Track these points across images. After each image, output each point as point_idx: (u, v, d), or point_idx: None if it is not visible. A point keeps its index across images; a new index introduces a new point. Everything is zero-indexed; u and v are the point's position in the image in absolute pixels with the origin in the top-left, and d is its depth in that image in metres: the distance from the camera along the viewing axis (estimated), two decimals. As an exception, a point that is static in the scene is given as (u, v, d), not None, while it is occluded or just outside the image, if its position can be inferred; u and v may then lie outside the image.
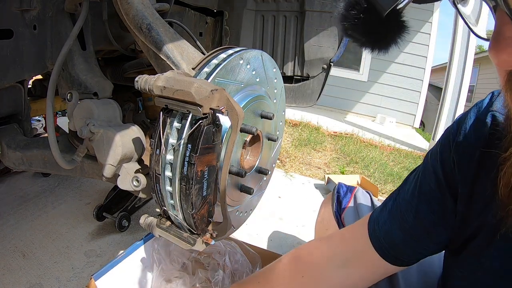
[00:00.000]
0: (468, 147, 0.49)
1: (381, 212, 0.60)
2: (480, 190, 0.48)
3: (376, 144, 4.00)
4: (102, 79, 0.84)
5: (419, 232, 0.55)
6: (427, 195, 0.54)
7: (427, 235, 0.55)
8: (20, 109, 0.96)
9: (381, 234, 0.58)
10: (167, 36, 0.67)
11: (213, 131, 0.52)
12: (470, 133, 0.49)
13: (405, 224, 0.56)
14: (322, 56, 1.53)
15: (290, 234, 1.72)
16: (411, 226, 0.55)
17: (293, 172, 2.69)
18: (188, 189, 0.52)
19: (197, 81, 0.50)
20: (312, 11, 1.49)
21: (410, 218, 0.55)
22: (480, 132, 0.48)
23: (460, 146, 0.50)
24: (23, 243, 1.39)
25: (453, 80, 4.08)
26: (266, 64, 0.72)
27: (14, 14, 0.72)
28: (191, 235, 0.59)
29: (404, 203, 0.57)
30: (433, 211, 0.53)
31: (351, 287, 0.64)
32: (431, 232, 0.55)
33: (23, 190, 1.78)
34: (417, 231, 0.55)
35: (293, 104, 1.61)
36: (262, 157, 0.77)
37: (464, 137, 0.50)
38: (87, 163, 0.83)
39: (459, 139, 0.50)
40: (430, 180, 0.54)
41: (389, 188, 2.64)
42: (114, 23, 0.96)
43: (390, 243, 0.57)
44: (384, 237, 0.58)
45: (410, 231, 0.56)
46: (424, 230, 0.55)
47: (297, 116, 4.43)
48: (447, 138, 0.53)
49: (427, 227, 0.54)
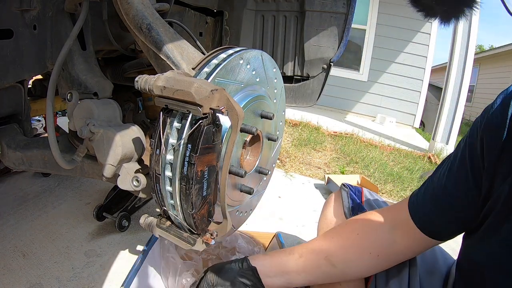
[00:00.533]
0: (494, 127, 0.53)
1: (420, 189, 0.68)
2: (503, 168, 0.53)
3: (376, 144, 4.00)
4: (102, 79, 0.83)
5: (447, 207, 0.61)
6: (455, 174, 0.61)
7: (454, 210, 0.61)
8: (20, 109, 0.96)
9: (418, 207, 0.66)
10: (167, 36, 0.67)
11: (213, 131, 0.52)
12: (496, 115, 0.53)
13: (436, 200, 0.63)
14: (322, 56, 1.53)
15: (290, 234, 1.72)
16: (440, 201, 0.62)
17: (293, 172, 2.69)
18: (188, 189, 0.52)
19: (197, 81, 0.50)
20: (312, 11, 1.49)
21: (439, 194, 0.62)
22: (505, 114, 0.52)
23: (487, 127, 0.55)
24: (23, 243, 1.39)
25: (453, 80, 4.08)
26: (266, 64, 0.71)
27: (14, 14, 0.71)
28: (191, 235, 0.59)
29: (436, 181, 0.64)
30: (458, 188, 0.60)
31: (399, 253, 0.70)
32: (457, 207, 0.60)
33: (23, 190, 1.78)
34: (445, 206, 0.62)
35: (293, 104, 1.61)
36: (262, 157, 0.77)
37: (491, 118, 0.54)
38: (87, 163, 0.83)
39: (485, 121, 0.55)
40: (458, 162, 0.60)
41: (389, 188, 2.64)
42: (114, 23, 0.96)
43: (424, 216, 0.64)
44: (420, 210, 0.65)
45: (440, 206, 0.62)
46: (450, 205, 0.61)
47: (297, 116, 4.43)
48: (475, 124, 0.58)
49: (453, 203, 0.61)
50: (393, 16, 5.55)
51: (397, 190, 2.63)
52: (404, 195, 2.56)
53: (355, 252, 0.71)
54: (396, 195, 2.56)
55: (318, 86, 1.58)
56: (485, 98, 10.17)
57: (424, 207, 0.65)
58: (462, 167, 0.59)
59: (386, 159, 3.46)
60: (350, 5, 1.44)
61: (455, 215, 0.61)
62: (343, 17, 1.47)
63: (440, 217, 0.63)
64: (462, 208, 0.60)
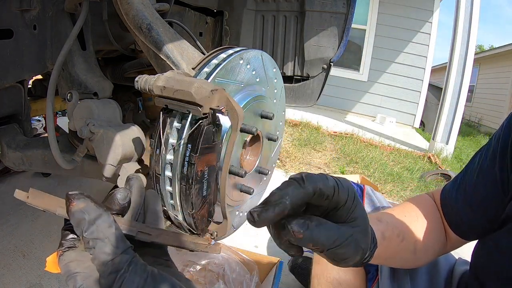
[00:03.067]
0: None
1: (453, 185, 0.67)
2: None
3: (376, 144, 3.99)
4: (102, 79, 0.83)
5: (475, 204, 0.60)
6: (484, 172, 0.60)
7: (481, 208, 0.60)
8: (20, 109, 0.96)
9: (449, 202, 0.65)
10: (167, 36, 0.67)
11: (213, 131, 0.52)
12: None
13: (466, 196, 0.62)
14: (322, 56, 1.53)
15: (290, 234, 1.72)
16: (470, 198, 0.61)
17: (293, 172, 2.69)
18: (188, 189, 0.52)
19: (197, 81, 0.50)
20: (312, 11, 1.49)
21: (470, 191, 0.62)
22: None
23: None
24: (23, 243, 1.39)
25: (453, 80, 4.08)
26: (266, 64, 0.71)
27: (14, 14, 0.71)
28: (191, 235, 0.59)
29: (468, 178, 0.63)
30: (486, 186, 0.59)
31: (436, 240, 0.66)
32: (485, 205, 0.59)
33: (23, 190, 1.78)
34: (474, 203, 0.61)
35: (293, 104, 1.61)
36: (262, 157, 0.77)
37: None
38: (87, 163, 0.83)
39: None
40: (489, 160, 0.59)
41: (389, 188, 2.64)
42: (114, 23, 0.96)
43: (455, 212, 0.64)
44: (451, 206, 0.65)
45: (469, 202, 0.61)
46: (479, 203, 0.60)
47: (297, 116, 4.43)
48: (509, 120, 0.57)
49: (481, 200, 0.60)
50: (393, 16, 5.55)
51: (397, 190, 2.63)
52: (404, 195, 2.56)
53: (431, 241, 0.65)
54: (396, 195, 2.56)
55: (318, 86, 1.58)
56: (485, 98, 10.17)
57: (454, 204, 0.64)
58: (492, 167, 0.58)
59: (386, 159, 3.46)
60: (350, 5, 1.44)
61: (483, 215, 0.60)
62: (343, 17, 1.47)
63: (470, 216, 0.62)
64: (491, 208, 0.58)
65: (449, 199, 0.65)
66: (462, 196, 0.63)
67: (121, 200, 0.36)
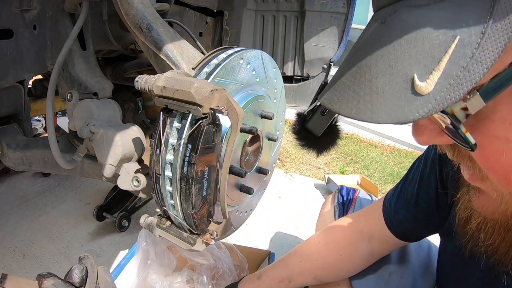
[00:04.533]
0: None
1: (393, 195, 0.71)
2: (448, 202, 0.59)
3: (376, 144, 3.99)
4: (102, 79, 0.83)
5: (420, 214, 0.65)
6: (425, 181, 0.63)
7: (427, 216, 0.64)
8: (20, 109, 0.96)
9: (393, 216, 0.69)
10: (167, 36, 0.67)
11: (213, 131, 0.52)
12: None
13: (409, 206, 0.66)
14: (322, 56, 1.53)
15: (290, 234, 1.72)
16: (413, 207, 0.65)
17: (293, 172, 2.69)
18: (188, 189, 0.52)
19: (197, 81, 0.50)
20: (312, 11, 1.49)
21: (412, 201, 0.65)
22: None
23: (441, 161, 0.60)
24: (23, 243, 1.39)
25: (453, 80, 4.07)
26: (266, 64, 0.71)
27: (14, 14, 0.72)
28: (191, 235, 0.59)
29: (409, 188, 0.67)
30: (429, 197, 0.63)
31: (375, 258, 0.74)
32: (429, 214, 0.64)
33: (23, 190, 1.78)
34: (417, 213, 0.65)
35: (293, 104, 1.61)
36: (262, 157, 0.77)
37: None
38: (87, 163, 0.83)
39: None
40: (429, 168, 0.63)
41: (389, 188, 2.64)
42: (114, 23, 0.96)
43: (399, 224, 0.68)
44: (395, 218, 0.68)
45: (413, 212, 0.65)
46: (423, 213, 0.64)
47: (297, 116, 4.43)
48: None
49: (425, 210, 0.64)
50: (393, 16, 5.55)
51: (397, 190, 2.63)
52: (404, 195, 2.56)
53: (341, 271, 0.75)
54: (396, 195, 2.56)
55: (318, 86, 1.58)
56: (485, 98, 10.18)
57: (398, 215, 0.68)
58: (432, 174, 0.62)
59: (386, 159, 3.46)
60: (350, 5, 1.44)
61: (428, 221, 0.65)
62: (343, 17, 1.47)
63: (414, 223, 0.66)
64: (434, 213, 0.63)
65: (392, 213, 0.69)
66: (402, 204, 0.67)
67: (79, 274, 0.44)
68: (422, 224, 0.66)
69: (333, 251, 0.74)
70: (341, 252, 0.73)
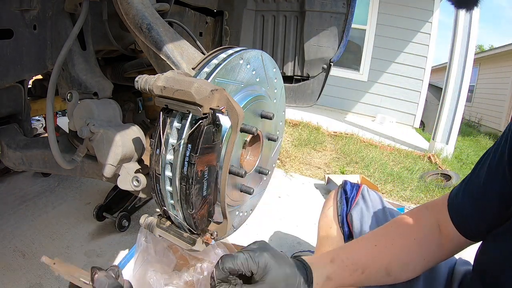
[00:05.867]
0: None
1: (460, 188, 0.67)
2: None
3: (376, 144, 4.00)
4: (102, 79, 0.83)
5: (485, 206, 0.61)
6: (493, 170, 0.60)
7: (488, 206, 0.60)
8: (20, 109, 0.96)
9: (458, 209, 0.65)
10: (167, 36, 0.67)
11: (213, 131, 0.52)
12: None
13: (474, 200, 0.62)
14: (322, 56, 1.53)
15: (289, 234, 1.72)
16: (479, 201, 0.62)
17: (293, 172, 2.69)
18: (188, 189, 0.52)
19: (197, 81, 0.50)
20: (312, 11, 1.49)
21: (477, 192, 0.62)
22: None
23: None
24: (23, 243, 1.39)
25: (453, 80, 4.08)
26: (266, 64, 0.71)
27: (14, 14, 0.71)
28: (191, 235, 0.59)
29: (475, 180, 0.63)
30: (495, 184, 0.59)
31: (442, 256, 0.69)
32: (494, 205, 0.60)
33: (23, 190, 1.78)
34: (483, 206, 0.61)
35: (293, 104, 1.61)
36: (262, 157, 0.77)
37: None
38: (87, 163, 0.83)
39: None
40: (498, 158, 0.59)
41: (389, 188, 2.64)
42: (114, 23, 0.96)
43: (463, 219, 0.64)
44: (460, 213, 0.65)
45: (479, 206, 0.62)
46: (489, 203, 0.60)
47: (297, 116, 4.43)
48: None
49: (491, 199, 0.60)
50: (393, 16, 5.55)
51: (397, 190, 2.63)
52: (404, 195, 2.56)
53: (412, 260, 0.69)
54: (396, 195, 2.56)
55: (318, 86, 1.58)
56: (485, 98, 10.17)
57: (463, 209, 0.64)
58: (500, 163, 0.58)
59: (386, 159, 3.46)
60: (350, 5, 1.44)
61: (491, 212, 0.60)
62: (343, 17, 1.47)
63: (478, 218, 0.62)
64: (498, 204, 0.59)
65: (455, 203, 0.66)
66: (468, 198, 0.64)
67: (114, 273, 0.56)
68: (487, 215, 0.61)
69: (406, 235, 0.69)
70: (414, 236, 0.69)
